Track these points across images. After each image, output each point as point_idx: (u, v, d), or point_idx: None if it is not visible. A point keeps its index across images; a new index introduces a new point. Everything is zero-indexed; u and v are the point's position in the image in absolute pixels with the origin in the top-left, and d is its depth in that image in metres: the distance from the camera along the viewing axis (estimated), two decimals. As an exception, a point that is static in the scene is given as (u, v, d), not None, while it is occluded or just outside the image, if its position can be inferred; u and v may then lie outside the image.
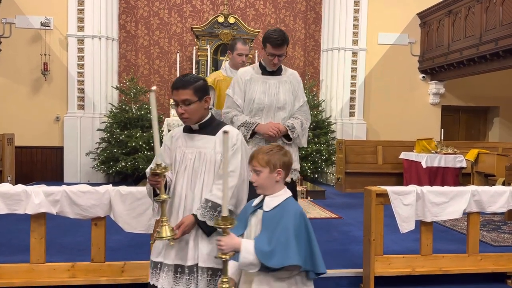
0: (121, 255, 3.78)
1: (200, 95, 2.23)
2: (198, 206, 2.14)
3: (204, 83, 2.28)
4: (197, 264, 2.13)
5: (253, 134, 3.10)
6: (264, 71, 3.22)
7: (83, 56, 8.74)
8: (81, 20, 8.70)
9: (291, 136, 3.13)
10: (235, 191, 2.15)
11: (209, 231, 2.12)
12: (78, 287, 3.29)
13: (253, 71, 3.25)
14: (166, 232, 2.03)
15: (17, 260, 3.41)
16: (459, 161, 7.52)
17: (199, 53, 8.79)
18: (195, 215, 2.12)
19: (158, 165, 2.00)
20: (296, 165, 3.23)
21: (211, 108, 2.73)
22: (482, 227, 5.31)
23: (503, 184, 5.97)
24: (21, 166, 8.42)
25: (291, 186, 2.88)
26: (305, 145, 3.36)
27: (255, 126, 3.08)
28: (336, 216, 6.10)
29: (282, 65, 3.29)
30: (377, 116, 9.74)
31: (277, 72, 3.22)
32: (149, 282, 2.23)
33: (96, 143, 8.50)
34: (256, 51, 9.18)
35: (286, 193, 2.03)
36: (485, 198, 3.67)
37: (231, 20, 8.74)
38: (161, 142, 7.91)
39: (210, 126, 2.29)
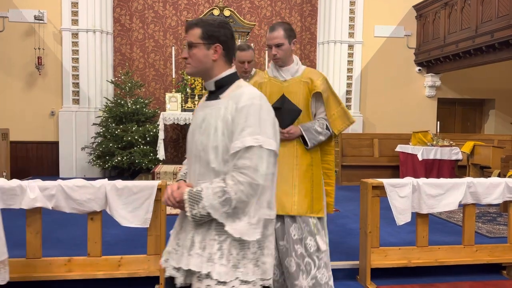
0: (117, 250, 3.78)
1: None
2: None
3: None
4: None
5: None
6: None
7: (77, 50, 8.67)
8: (75, 13, 8.62)
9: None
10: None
11: None
12: (75, 281, 3.29)
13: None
14: None
15: (13, 255, 3.39)
16: (455, 153, 7.55)
17: (194, 47, 8.73)
18: None
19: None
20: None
21: None
22: (477, 218, 5.35)
23: (499, 176, 6.01)
24: (16, 161, 8.38)
25: None
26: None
27: None
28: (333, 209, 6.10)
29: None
30: (373, 109, 9.75)
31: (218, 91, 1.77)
32: None
33: (91, 137, 8.47)
34: (252, 44, 9.14)
35: None
36: (480, 190, 3.68)
37: (227, 12, 8.68)
38: (156, 137, 7.77)
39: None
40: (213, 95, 1.75)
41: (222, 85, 1.73)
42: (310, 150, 2.79)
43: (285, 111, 2.70)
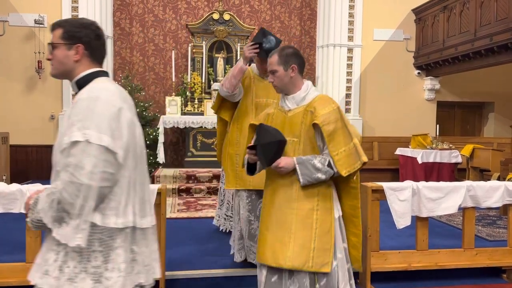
0: (117, 253, 3.77)
1: None
2: None
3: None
4: None
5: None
6: None
7: (77, 54, 8.68)
8: (75, 17, 8.62)
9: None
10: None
11: None
12: (75, 285, 3.27)
13: None
14: None
15: (13, 260, 3.39)
16: (454, 156, 7.55)
17: (194, 50, 8.77)
18: None
19: None
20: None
21: None
22: (477, 222, 5.34)
23: (498, 179, 6.01)
24: (16, 165, 8.38)
25: None
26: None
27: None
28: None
29: None
30: (372, 112, 9.76)
31: None
32: None
33: (91, 141, 8.45)
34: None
35: None
36: (480, 193, 3.68)
37: (226, 16, 8.71)
38: (156, 141, 7.77)
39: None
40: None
41: (82, 85, 1.65)
42: (316, 192, 2.36)
43: (262, 147, 2.31)
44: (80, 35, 1.66)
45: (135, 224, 1.59)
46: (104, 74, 1.72)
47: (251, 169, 2.51)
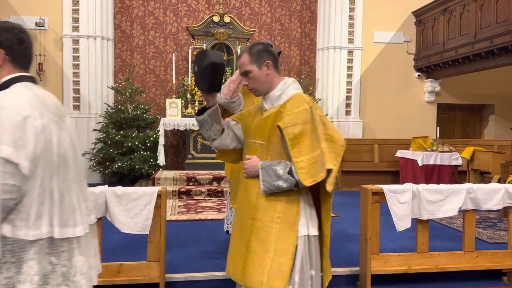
0: (117, 256, 3.78)
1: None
2: None
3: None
4: None
5: None
6: None
7: (78, 56, 8.70)
8: (76, 20, 8.67)
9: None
10: None
11: None
12: (75, 288, 3.27)
13: None
14: None
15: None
16: (454, 158, 7.55)
17: (195, 53, 8.78)
18: None
19: None
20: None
21: None
22: (478, 224, 5.34)
23: (499, 181, 6.00)
24: (17, 167, 8.37)
25: None
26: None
27: None
28: (333, 215, 6.10)
29: None
30: (373, 115, 9.76)
31: None
32: None
33: (92, 143, 8.47)
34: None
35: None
36: (480, 196, 3.68)
37: (227, 19, 8.72)
38: (156, 142, 7.80)
39: None
40: None
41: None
42: (279, 203, 2.04)
43: (199, 72, 2.06)
44: (0, 39, 1.61)
45: (53, 235, 1.52)
46: (28, 79, 1.65)
47: (201, 111, 2.17)
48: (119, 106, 8.39)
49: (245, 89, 3.19)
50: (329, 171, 1.96)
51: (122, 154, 8.03)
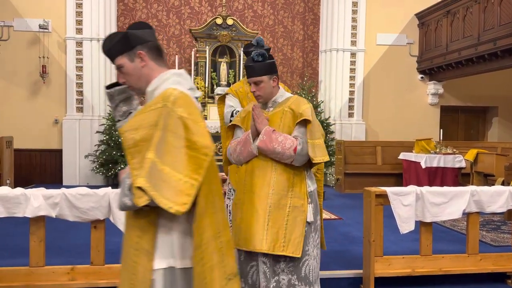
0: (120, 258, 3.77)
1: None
2: None
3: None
4: None
5: None
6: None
7: (81, 59, 8.73)
8: (79, 22, 8.70)
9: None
10: None
11: None
12: (78, 290, 3.27)
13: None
14: None
15: (16, 263, 3.40)
16: (458, 161, 7.53)
17: (197, 55, 8.80)
18: None
19: None
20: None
21: None
22: (481, 227, 5.31)
23: (503, 184, 5.98)
24: (20, 169, 8.40)
25: None
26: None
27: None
28: (336, 217, 6.10)
29: None
30: (376, 117, 9.75)
31: None
32: None
33: (95, 145, 8.49)
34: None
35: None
36: (484, 198, 3.67)
37: (230, 21, 8.74)
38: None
39: None
40: None
41: None
42: (138, 223, 1.63)
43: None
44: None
45: None
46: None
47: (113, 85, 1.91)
48: (122, 108, 8.39)
49: (241, 92, 3.20)
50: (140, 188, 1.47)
51: (125, 156, 8.03)
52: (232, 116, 2.95)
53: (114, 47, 1.76)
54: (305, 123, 2.36)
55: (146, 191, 1.46)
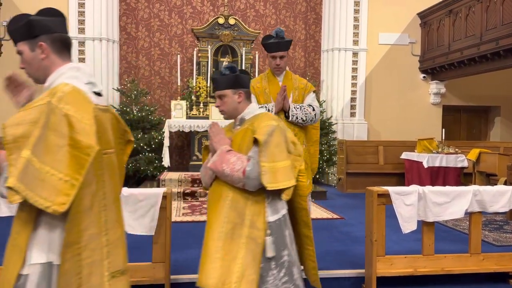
0: (123, 257, 3.77)
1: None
2: None
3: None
4: None
5: None
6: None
7: (84, 58, 8.75)
8: (81, 22, 8.72)
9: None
10: None
11: None
12: (80, 289, 3.28)
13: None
14: None
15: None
16: (460, 161, 7.51)
17: (199, 55, 8.80)
18: None
19: None
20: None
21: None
22: (484, 226, 5.31)
23: (505, 183, 5.97)
24: (23, 169, 8.42)
25: None
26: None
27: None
28: (338, 217, 6.10)
29: None
30: (378, 116, 9.74)
31: None
32: None
33: (97, 145, 8.50)
34: (257, 52, 9.18)
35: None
36: (487, 198, 3.66)
37: (232, 21, 8.74)
38: (161, 144, 7.78)
39: None
40: None
41: None
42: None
43: None
44: None
45: None
46: None
47: None
48: (125, 108, 8.43)
49: (258, 88, 3.42)
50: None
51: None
52: None
53: (17, 30, 1.70)
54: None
55: (18, 191, 1.45)
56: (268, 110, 3.15)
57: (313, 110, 3.34)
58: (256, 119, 2.19)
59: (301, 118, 3.27)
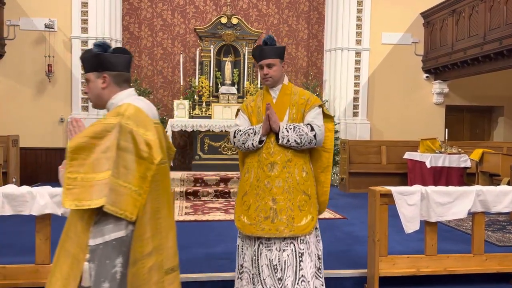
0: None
1: None
2: None
3: None
4: None
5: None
6: None
7: (87, 58, 8.76)
8: (84, 21, 8.74)
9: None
10: None
11: None
12: None
13: None
14: None
15: (22, 261, 3.42)
16: (463, 161, 7.49)
17: (202, 54, 8.81)
18: None
19: None
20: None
21: None
22: (487, 227, 5.29)
23: (508, 183, 5.95)
24: (26, 168, 8.46)
25: None
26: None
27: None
28: (340, 217, 6.09)
29: None
30: (380, 116, 9.73)
31: None
32: None
33: (100, 144, 8.52)
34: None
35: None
36: (490, 198, 3.65)
37: (234, 20, 8.75)
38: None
39: None
40: None
41: None
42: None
43: None
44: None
45: None
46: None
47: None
48: (127, 107, 8.43)
49: (251, 107, 2.93)
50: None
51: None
52: (234, 136, 2.84)
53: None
54: None
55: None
56: (255, 133, 2.73)
57: (311, 130, 2.69)
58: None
59: (294, 141, 2.66)
